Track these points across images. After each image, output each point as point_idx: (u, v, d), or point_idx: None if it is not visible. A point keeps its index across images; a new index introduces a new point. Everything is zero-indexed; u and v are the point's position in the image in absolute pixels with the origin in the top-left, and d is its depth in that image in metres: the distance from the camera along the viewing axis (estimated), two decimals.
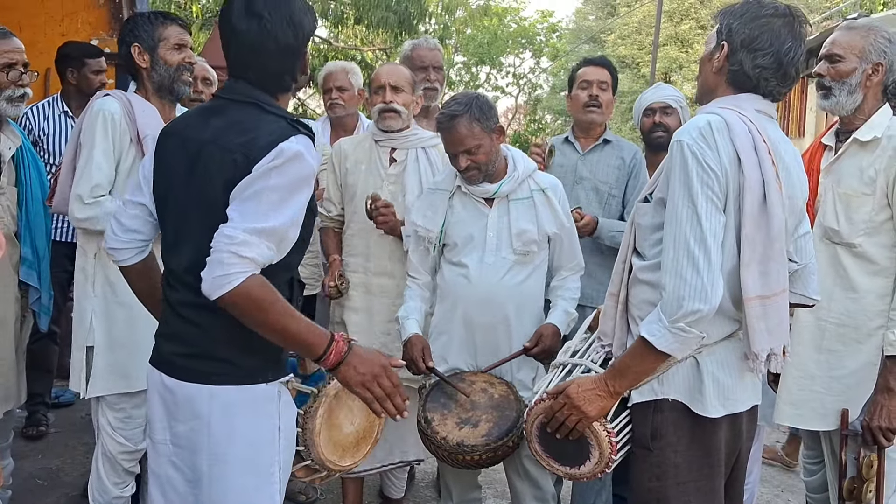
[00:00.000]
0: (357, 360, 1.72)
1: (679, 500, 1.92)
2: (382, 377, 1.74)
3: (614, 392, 1.91)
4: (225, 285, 1.57)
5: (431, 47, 3.61)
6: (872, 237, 2.40)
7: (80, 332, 2.63)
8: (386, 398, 1.75)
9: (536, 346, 2.55)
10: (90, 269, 2.62)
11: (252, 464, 1.75)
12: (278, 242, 1.65)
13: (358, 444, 1.99)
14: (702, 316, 1.76)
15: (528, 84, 27.83)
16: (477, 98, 2.57)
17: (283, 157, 1.64)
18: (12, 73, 2.72)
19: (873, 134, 2.39)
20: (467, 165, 2.54)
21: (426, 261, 2.75)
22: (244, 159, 1.65)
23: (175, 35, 2.63)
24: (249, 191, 1.63)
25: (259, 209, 1.62)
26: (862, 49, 2.39)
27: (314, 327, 1.69)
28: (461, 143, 2.52)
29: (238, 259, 1.58)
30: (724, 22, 1.92)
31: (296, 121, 1.76)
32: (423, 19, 14.72)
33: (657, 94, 3.33)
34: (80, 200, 2.54)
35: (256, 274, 1.61)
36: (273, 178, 1.63)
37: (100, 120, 2.55)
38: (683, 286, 1.76)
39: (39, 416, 3.97)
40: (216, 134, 1.72)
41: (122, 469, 2.65)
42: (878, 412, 2.35)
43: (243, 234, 1.59)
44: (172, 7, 13.29)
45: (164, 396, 1.79)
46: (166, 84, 2.64)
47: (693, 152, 1.79)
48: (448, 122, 2.52)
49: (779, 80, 1.89)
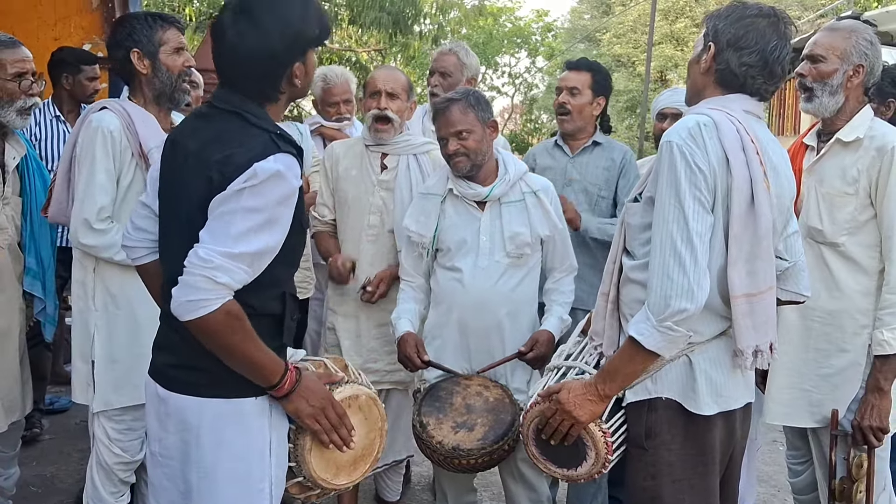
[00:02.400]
0: (308, 393, 1.75)
1: (674, 498, 1.93)
2: (329, 409, 1.78)
3: (605, 395, 1.92)
4: (197, 310, 1.58)
5: (445, 51, 3.53)
6: (855, 236, 2.41)
7: (83, 346, 2.57)
8: (333, 430, 1.79)
9: (531, 352, 2.55)
10: (90, 282, 2.56)
11: (241, 478, 1.74)
12: (254, 264, 1.63)
13: (355, 463, 1.95)
14: (688, 315, 1.77)
15: (523, 84, 27.87)
16: (475, 91, 2.63)
17: (257, 178, 1.59)
18: (24, 82, 2.69)
19: (855, 135, 2.41)
20: (455, 150, 2.54)
21: (419, 266, 2.74)
22: (219, 177, 1.62)
23: (174, 38, 2.52)
24: (223, 209, 1.61)
25: (233, 231, 1.59)
26: (844, 50, 2.40)
27: (272, 356, 1.69)
28: (453, 125, 2.53)
29: (213, 285, 1.57)
30: (710, 24, 1.95)
31: (279, 136, 1.68)
32: (418, 20, 14.69)
33: (670, 98, 3.28)
34: (88, 225, 2.46)
35: (230, 299, 1.60)
36: (246, 198, 1.59)
37: (99, 137, 2.46)
38: (670, 285, 1.77)
39: (34, 421, 3.95)
40: (199, 146, 1.69)
41: (117, 479, 2.62)
42: (869, 412, 2.37)
43: (219, 259, 1.57)
44: (166, 10, 13.28)
45: (157, 407, 1.79)
46: (167, 91, 2.54)
47: (682, 152, 1.80)
48: (444, 105, 2.57)
49: (765, 79, 1.92)
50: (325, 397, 1.79)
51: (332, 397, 1.80)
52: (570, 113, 3.16)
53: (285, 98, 1.78)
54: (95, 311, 2.55)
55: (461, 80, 3.44)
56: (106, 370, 2.55)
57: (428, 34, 15.97)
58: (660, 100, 3.34)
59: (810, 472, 2.68)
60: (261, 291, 1.68)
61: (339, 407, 1.81)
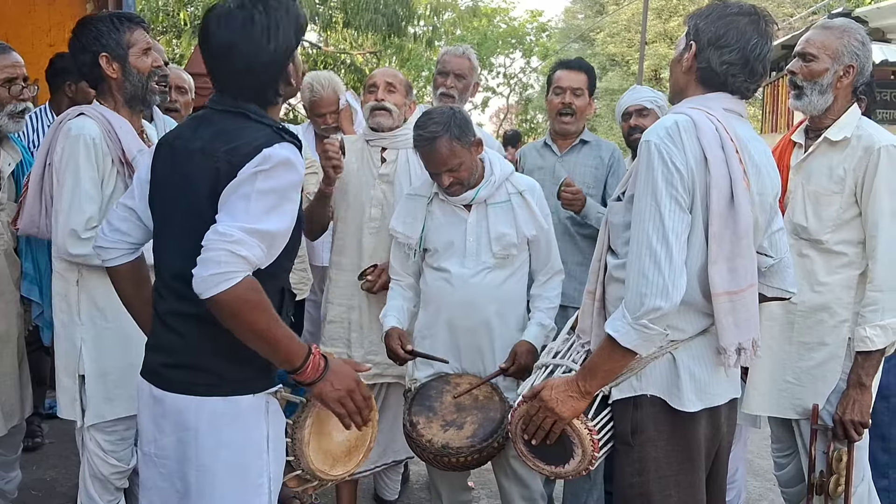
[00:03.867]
0: (333, 377, 1.73)
1: (661, 493, 1.95)
2: (356, 392, 1.77)
3: (585, 392, 1.94)
4: (221, 283, 1.55)
5: (458, 54, 3.51)
6: (838, 233, 2.45)
7: (69, 361, 2.50)
8: (357, 412, 1.78)
9: (513, 366, 2.57)
10: (73, 296, 2.49)
11: (240, 475, 1.75)
12: (270, 246, 1.64)
13: (350, 453, 1.99)
14: (663, 313, 1.79)
15: (518, 84, 27.86)
16: (454, 115, 2.54)
17: (269, 162, 1.62)
18: (13, 87, 2.69)
19: (843, 134, 2.43)
20: (451, 182, 2.56)
21: (407, 265, 2.77)
22: (228, 167, 1.64)
23: (142, 39, 2.46)
24: (237, 193, 1.62)
25: (251, 211, 1.60)
26: (835, 50, 2.42)
27: (296, 339, 1.69)
28: (443, 164, 2.52)
29: (235, 258, 1.56)
30: (691, 23, 1.97)
31: (282, 129, 1.74)
32: (412, 21, 14.72)
33: (632, 96, 3.32)
34: (76, 236, 2.39)
35: (250, 275, 1.60)
36: (260, 181, 1.61)
37: (81, 146, 2.39)
38: (645, 284, 1.79)
39: (34, 427, 3.97)
40: (203, 143, 1.71)
41: (113, 488, 2.59)
42: (851, 406, 2.40)
43: (239, 233, 1.57)
44: (161, 15, 13.27)
45: (152, 408, 1.80)
46: (139, 94, 2.48)
47: (660, 152, 1.82)
48: (427, 144, 2.51)
49: (746, 76, 1.93)
50: (352, 379, 1.77)
51: (359, 379, 1.79)
52: (575, 114, 3.19)
53: (281, 99, 1.82)
54: (81, 324, 2.48)
55: (471, 83, 3.49)
56: (97, 383, 2.49)
57: (422, 36, 16.00)
58: (621, 102, 3.36)
59: (795, 463, 2.70)
60: (263, 283, 1.66)
61: (366, 389, 1.80)
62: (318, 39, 16.42)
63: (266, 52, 1.70)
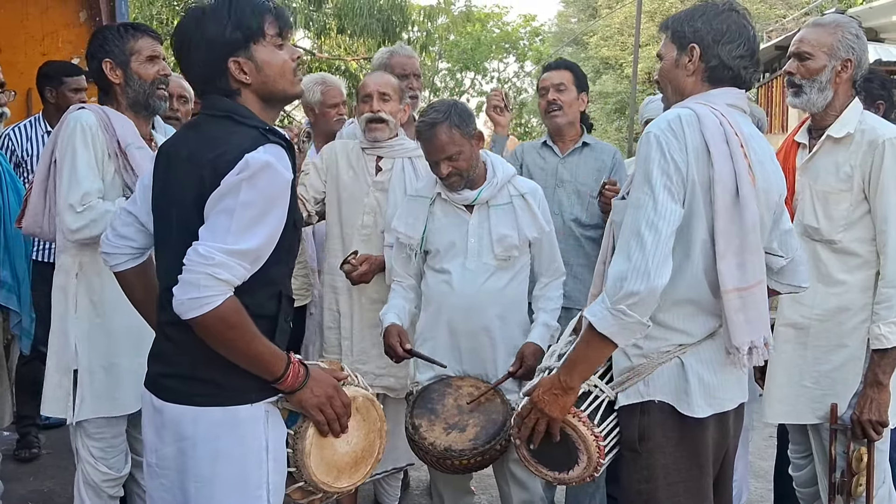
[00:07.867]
0: (314, 384, 1.76)
1: (669, 500, 1.93)
2: (335, 398, 1.79)
3: (567, 386, 1.89)
4: (200, 307, 1.58)
5: (409, 54, 3.53)
6: (850, 232, 2.41)
7: (62, 355, 2.50)
8: (336, 419, 1.79)
9: (520, 368, 2.55)
10: (72, 288, 2.50)
11: (239, 486, 1.73)
12: (254, 261, 1.65)
13: (356, 465, 1.94)
14: (641, 298, 1.74)
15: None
16: (455, 105, 2.59)
17: (249, 169, 1.61)
18: None
19: (846, 130, 2.40)
20: (449, 172, 2.56)
21: (409, 267, 2.77)
22: (212, 175, 1.64)
23: (147, 47, 2.52)
24: (220, 206, 1.62)
25: (233, 229, 1.60)
26: (831, 46, 2.40)
27: (276, 350, 1.71)
28: (442, 151, 2.53)
29: (215, 282, 1.58)
30: (681, 27, 1.96)
31: (269, 130, 1.72)
32: (406, 27, 14.76)
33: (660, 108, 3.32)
34: (73, 210, 2.40)
35: (231, 296, 1.61)
36: (244, 192, 1.60)
37: (78, 131, 2.44)
38: (627, 266, 1.76)
39: (31, 437, 3.95)
40: (189, 151, 1.72)
41: (106, 496, 2.58)
42: (868, 406, 2.37)
43: (220, 255, 1.58)
44: (154, 23, 13.27)
45: (153, 418, 1.79)
46: (141, 100, 2.54)
47: (659, 142, 1.81)
48: (428, 129, 2.53)
49: (755, 67, 1.96)
50: (331, 385, 1.79)
51: (338, 386, 1.81)
52: (562, 108, 3.18)
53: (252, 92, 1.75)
54: (76, 318, 2.49)
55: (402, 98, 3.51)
56: (89, 379, 2.49)
57: (416, 41, 16.03)
58: (647, 108, 3.37)
59: (812, 466, 2.67)
60: (256, 291, 1.68)
61: (345, 396, 1.81)
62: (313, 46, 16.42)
63: (208, 31, 1.70)
